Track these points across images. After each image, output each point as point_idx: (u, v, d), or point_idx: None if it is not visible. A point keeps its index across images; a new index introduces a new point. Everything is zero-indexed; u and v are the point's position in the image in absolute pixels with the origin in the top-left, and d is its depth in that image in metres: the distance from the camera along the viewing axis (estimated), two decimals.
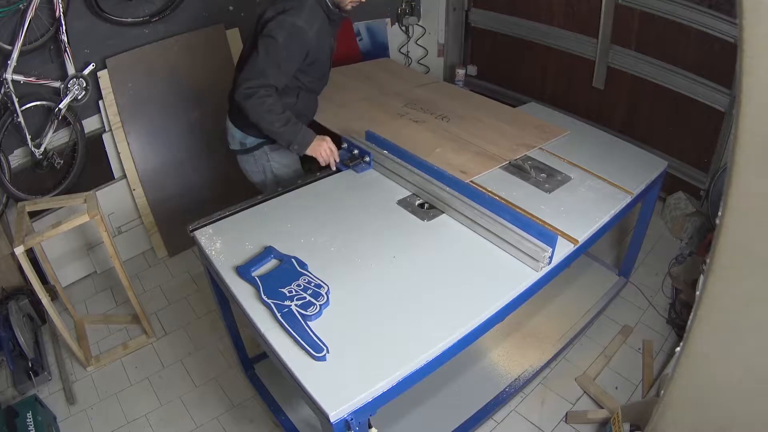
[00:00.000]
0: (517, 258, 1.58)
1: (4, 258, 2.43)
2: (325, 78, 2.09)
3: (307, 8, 1.82)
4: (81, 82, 2.51)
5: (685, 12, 2.65)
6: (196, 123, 2.92)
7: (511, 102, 3.03)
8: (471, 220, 1.68)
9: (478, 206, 1.68)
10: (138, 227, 2.92)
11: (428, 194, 1.81)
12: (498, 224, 1.61)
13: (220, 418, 2.09)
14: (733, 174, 0.96)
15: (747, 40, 0.83)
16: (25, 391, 2.18)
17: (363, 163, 2.02)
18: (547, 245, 1.52)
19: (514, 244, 1.57)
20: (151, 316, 2.54)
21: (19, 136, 2.41)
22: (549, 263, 1.54)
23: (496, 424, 2.03)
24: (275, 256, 1.56)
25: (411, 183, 1.88)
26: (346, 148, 2.09)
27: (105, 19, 2.54)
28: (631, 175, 2.00)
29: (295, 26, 1.79)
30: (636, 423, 1.79)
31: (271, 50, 1.79)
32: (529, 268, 1.55)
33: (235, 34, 3.00)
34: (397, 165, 1.92)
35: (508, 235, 1.58)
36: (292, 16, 1.79)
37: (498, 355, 2.18)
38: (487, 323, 1.44)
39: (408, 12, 3.70)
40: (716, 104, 2.69)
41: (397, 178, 1.93)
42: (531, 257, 1.54)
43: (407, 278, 1.51)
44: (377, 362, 1.27)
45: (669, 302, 2.53)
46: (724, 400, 1.23)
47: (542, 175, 1.98)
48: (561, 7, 3.23)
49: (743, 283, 1.06)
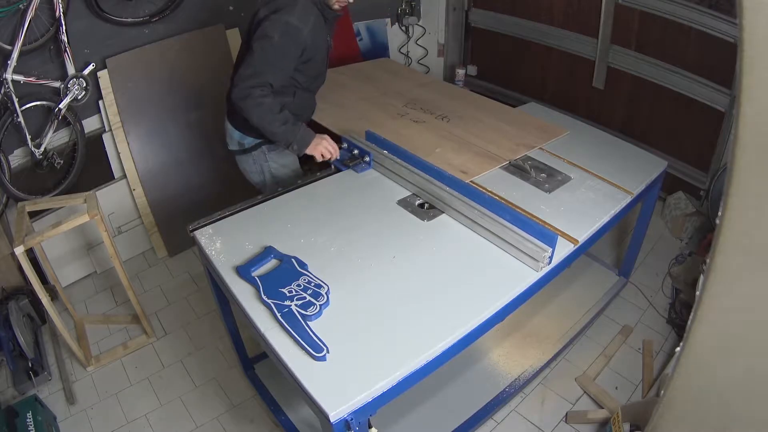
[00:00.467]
0: (517, 258, 1.58)
1: (4, 258, 2.43)
2: (321, 77, 2.09)
3: (300, 6, 1.81)
4: (81, 82, 2.51)
5: (685, 12, 2.65)
6: (195, 123, 2.92)
7: (511, 102, 3.03)
8: (471, 220, 1.68)
9: (478, 206, 1.68)
10: (138, 227, 2.92)
11: (428, 194, 1.81)
12: (498, 224, 1.61)
13: (220, 418, 2.09)
14: (733, 174, 0.96)
15: (747, 40, 0.83)
16: (25, 391, 2.18)
17: (363, 163, 2.02)
18: (547, 245, 1.52)
19: (514, 244, 1.57)
20: (151, 316, 2.54)
21: (19, 136, 2.41)
22: (549, 263, 1.54)
23: (496, 424, 2.03)
24: (275, 256, 1.56)
25: (411, 183, 1.88)
26: (346, 148, 2.09)
27: (105, 19, 2.54)
28: (631, 175, 2.00)
29: (289, 24, 1.78)
30: (636, 423, 1.79)
31: (266, 50, 1.79)
32: (529, 268, 1.55)
33: (235, 34, 3.00)
34: (397, 165, 1.92)
35: (508, 235, 1.58)
36: (285, 14, 1.79)
37: (498, 355, 2.18)
38: (487, 323, 1.44)
39: (408, 12, 3.70)
40: (716, 104, 2.69)
41: (397, 178, 1.93)
42: (531, 257, 1.54)
43: (407, 278, 1.51)
44: (377, 362, 1.27)
45: (669, 302, 2.53)
46: (724, 400, 1.23)
47: (542, 175, 1.98)
48: (561, 7, 3.23)
49: (743, 283, 1.06)
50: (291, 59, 1.85)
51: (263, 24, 1.80)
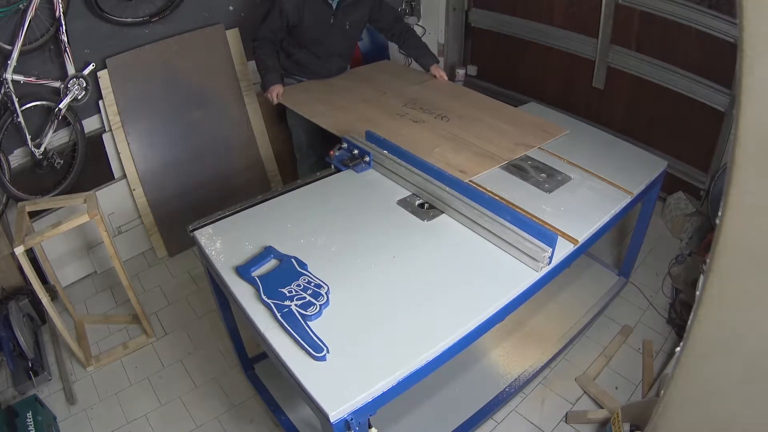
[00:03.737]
0: (517, 258, 1.58)
1: (4, 258, 2.43)
2: (320, 45, 2.65)
3: None
4: (81, 82, 2.51)
5: (685, 12, 2.64)
6: (195, 123, 2.92)
7: (511, 102, 3.02)
8: (471, 220, 1.68)
9: (478, 206, 1.68)
10: (138, 227, 2.92)
11: (428, 194, 1.81)
12: (498, 224, 1.61)
13: (220, 418, 2.09)
14: (733, 174, 0.96)
15: (747, 40, 0.83)
16: (25, 391, 2.18)
17: (363, 163, 2.02)
18: (547, 245, 1.52)
19: (514, 244, 1.57)
20: (151, 316, 2.54)
21: (19, 136, 2.41)
22: (549, 263, 1.54)
23: (496, 424, 2.03)
24: (275, 256, 1.56)
25: (411, 183, 1.88)
26: (346, 148, 2.09)
27: (105, 19, 2.54)
28: (631, 175, 2.00)
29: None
30: (636, 423, 1.79)
31: (267, 14, 2.51)
32: (528, 268, 1.55)
33: (235, 34, 3.00)
34: (397, 165, 1.92)
35: (508, 235, 1.58)
36: None
37: (498, 355, 2.18)
38: (487, 323, 1.44)
39: (408, 12, 3.70)
40: (716, 104, 2.69)
41: (397, 178, 1.93)
42: (531, 257, 1.54)
43: (407, 278, 1.51)
44: (377, 362, 1.27)
45: (669, 302, 2.53)
46: (724, 400, 1.23)
47: (542, 175, 1.98)
48: (561, 7, 3.23)
49: (743, 283, 1.06)
50: (276, 23, 2.50)
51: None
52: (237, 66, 3.02)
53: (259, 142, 3.16)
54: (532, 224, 1.57)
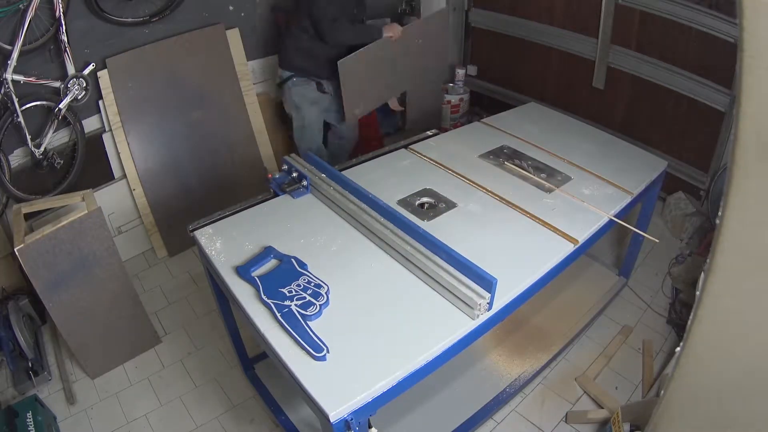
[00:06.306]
0: (452, 303, 1.43)
1: (4, 258, 2.43)
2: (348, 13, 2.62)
3: None
4: (81, 82, 2.51)
5: (685, 12, 2.64)
6: (195, 123, 2.92)
7: (512, 102, 3.03)
8: (404, 257, 1.53)
9: (413, 240, 1.54)
10: (138, 227, 2.92)
11: (363, 226, 1.66)
12: (432, 264, 1.46)
13: (220, 418, 2.09)
14: (733, 174, 0.96)
15: (747, 40, 0.83)
16: (25, 391, 2.18)
17: (301, 187, 1.88)
18: (485, 290, 1.37)
19: (449, 289, 1.41)
20: (151, 316, 2.54)
21: (19, 136, 2.41)
22: (489, 309, 1.39)
23: (496, 424, 2.03)
24: (275, 256, 1.56)
25: (344, 211, 1.73)
26: (285, 170, 1.96)
27: (105, 19, 2.54)
28: (631, 175, 2.00)
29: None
30: (636, 423, 1.79)
31: None
32: (464, 315, 1.40)
33: (235, 34, 3.00)
34: (333, 191, 1.79)
35: (441, 278, 1.43)
36: None
37: (498, 355, 2.18)
38: (487, 323, 1.44)
39: (408, 12, 3.70)
40: (716, 104, 2.69)
41: (332, 205, 1.78)
42: (466, 304, 1.39)
43: (407, 278, 1.51)
44: (377, 362, 1.27)
45: (669, 302, 2.53)
46: (724, 400, 1.23)
47: (542, 175, 1.98)
48: (561, 7, 3.23)
49: (743, 283, 1.06)
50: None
51: None
52: (237, 66, 3.02)
53: (259, 141, 3.16)
54: (470, 266, 1.40)
